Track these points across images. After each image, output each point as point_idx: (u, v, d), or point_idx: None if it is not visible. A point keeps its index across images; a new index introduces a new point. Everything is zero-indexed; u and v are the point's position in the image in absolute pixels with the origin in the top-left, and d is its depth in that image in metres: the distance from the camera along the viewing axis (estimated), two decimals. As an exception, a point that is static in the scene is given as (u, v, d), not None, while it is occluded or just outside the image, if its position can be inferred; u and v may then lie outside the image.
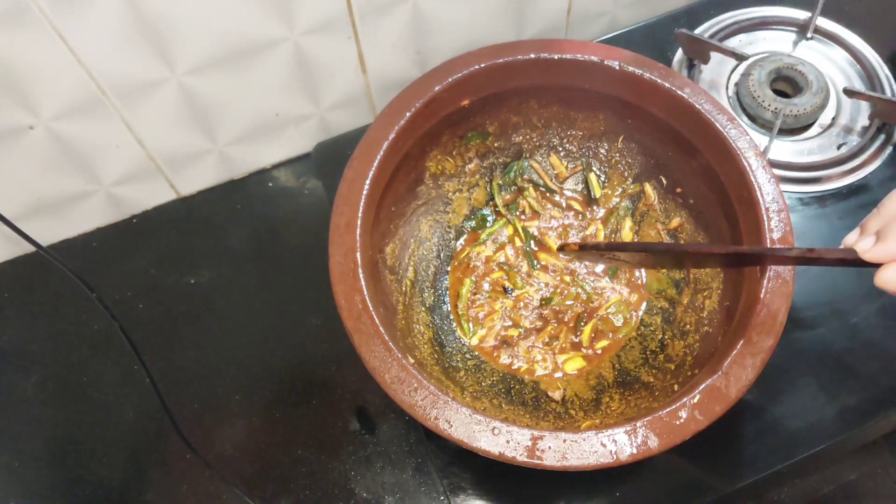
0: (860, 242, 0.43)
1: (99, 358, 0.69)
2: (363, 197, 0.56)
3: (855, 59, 0.79)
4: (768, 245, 0.54)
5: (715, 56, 0.78)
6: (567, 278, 0.68)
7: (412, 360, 0.51)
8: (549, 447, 0.46)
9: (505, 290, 0.68)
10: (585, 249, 0.58)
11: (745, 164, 0.56)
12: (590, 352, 0.65)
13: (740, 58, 0.76)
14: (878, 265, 0.42)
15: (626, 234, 0.69)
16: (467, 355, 0.65)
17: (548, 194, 0.72)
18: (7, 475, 0.64)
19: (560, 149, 0.71)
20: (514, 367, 0.64)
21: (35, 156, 0.65)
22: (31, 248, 0.69)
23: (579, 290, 0.67)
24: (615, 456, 0.46)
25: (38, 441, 0.66)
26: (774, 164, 0.71)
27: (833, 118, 0.76)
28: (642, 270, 0.68)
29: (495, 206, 0.71)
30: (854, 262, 0.43)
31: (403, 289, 0.65)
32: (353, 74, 0.73)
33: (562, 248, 0.61)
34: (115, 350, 0.69)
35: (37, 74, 0.58)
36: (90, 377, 0.68)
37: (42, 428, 0.66)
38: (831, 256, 0.45)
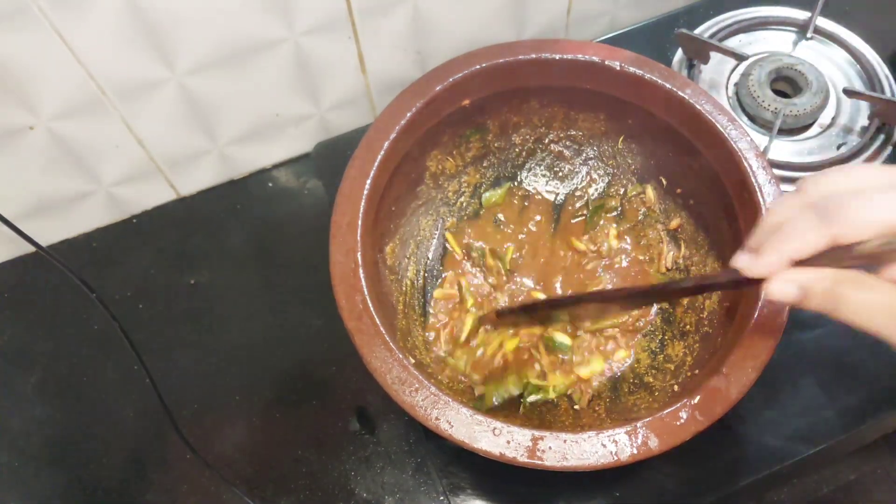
0: (740, 260, 0.42)
1: (99, 358, 0.69)
2: (364, 196, 0.56)
3: (855, 59, 0.79)
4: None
5: (715, 56, 0.78)
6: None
7: (412, 361, 0.51)
8: (550, 447, 0.46)
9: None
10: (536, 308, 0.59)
11: (746, 165, 0.56)
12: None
13: (740, 58, 0.76)
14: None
15: (612, 241, 0.69)
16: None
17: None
18: (7, 475, 0.64)
19: (561, 148, 0.71)
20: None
21: (35, 156, 0.65)
22: (31, 248, 0.69)
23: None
24: (616, 456, 0.46)
25: (38, 441, 0.66)
26: (774, 164, 0.71)
27: (833, 118, 0.76)
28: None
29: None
30: (746, 281, 0.42)
31: (403, 289, 0.65)
32: (353, 74, 0.73)
33: (502, 314, 0.61)
34: (115, 350, 0.69)
35: (37, 74, 0.58)
36: (90, 377, 0.68)
37: (42, 428, 0.66)
38: (723, 279, 0.46)
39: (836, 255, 0.39)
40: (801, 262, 0.40)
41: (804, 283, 0.39)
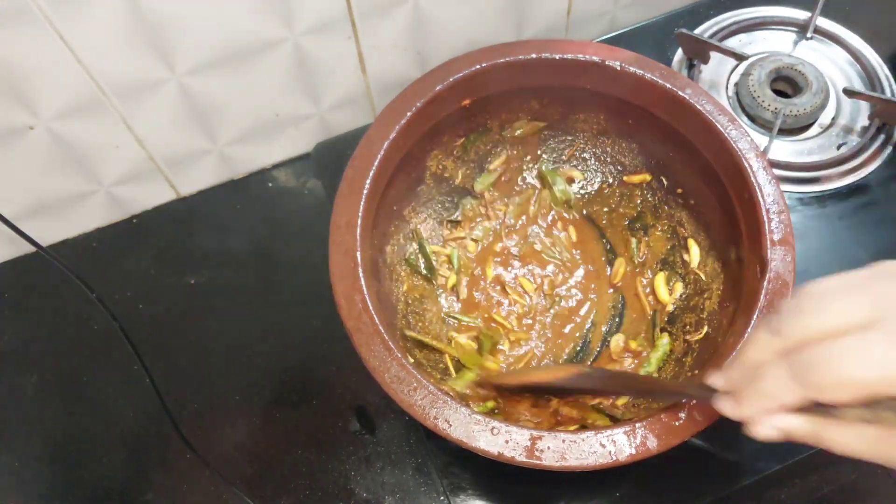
0: (722, 404, 0.43)
1: (99, 358, 0.69)
2: (364, 196, 0.57)
3: (855, 59, 0.79)
4: (768, 246, 0.54)
5: (715, 56, 0.78)
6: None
7: (412, 360, 0.51)
8: (549, 447, 0.46)
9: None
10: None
11: (746, 165, 0.56)
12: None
13: (740, 58, 0.76)
14: None
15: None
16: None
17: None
18: (7, 475, 0.64)
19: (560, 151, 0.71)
20: None
21: (35, 156, 0.65)
22: (31, 248, 0.69)
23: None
24: (614, 456, 0.46)
25: (38, 441, 0.66)
26: (774, 164, 0.71)
27: (833, 118, 0.76)
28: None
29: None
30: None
31: (404, 288, 0.65)
32: (353, 74, 0.73)
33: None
34: (115, 350, 0.69)
35: (37, 74, 0.58)
36: (90, 377, 0.68)
37: (42, 428, 0.66)
38: (699, 397, 0.47)
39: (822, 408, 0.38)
40: None
41: (786, 428, 0.40)
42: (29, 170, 0.66)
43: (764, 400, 0.40)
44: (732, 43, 0.80)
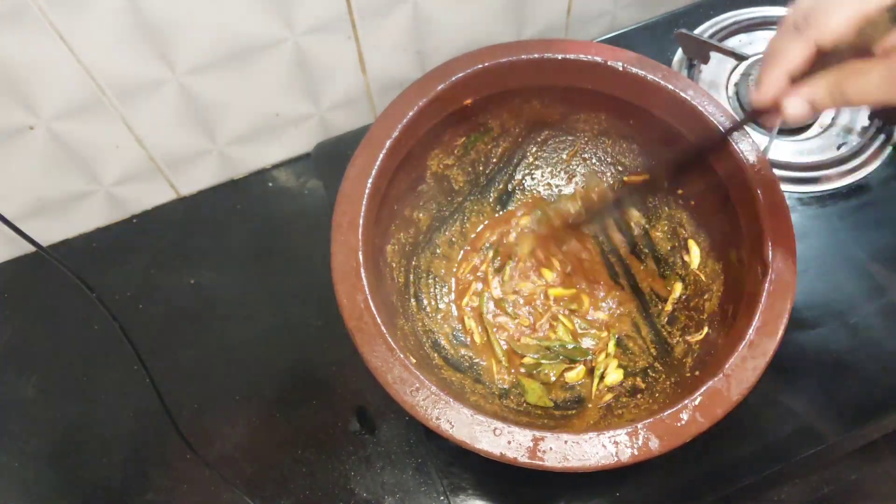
0: (752, 95, 0.50)
1: (99, 358, 0.69)
2: (365, 195, 0.56)
3: (855, 60, 0.79)
4: (769, 247, 0.54)
5: (715, 56, 0.78)
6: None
7: (414, 361, 0.51)
8: (551, 448, 0.46)
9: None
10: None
11: (747, 165, 0.56)
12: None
13: (740, 58, 0.76)
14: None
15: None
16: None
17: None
18: (7, 475, 0.64)
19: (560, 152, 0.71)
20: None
21: (35, 156, 0.65)
22: (31, 248, 0.69)
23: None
24: (616, 457, 0.46)
25: (38, 441, 0.66)
26: (774, 164, 0.71)
27: (833, 118, 0.76)
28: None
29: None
30: (761, 113, 0.48)
31: (405, 288, 0.65)
32: (353, 74, 0.73)
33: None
34: (114, 350, 0.69)
35: (37, 74, 0.58)
36: (90, 377, 0.68)
37: (42, 428, 0.66)
38: (750, 118, 0.54)
39: (828, 61, 0.42)
40: (800, 79, 0.44)
41: (808, 94, 0.43)
42: (29, 170, 0.66)
43: (776, 61, 0.44)
44: (732, 43, 0.80)
